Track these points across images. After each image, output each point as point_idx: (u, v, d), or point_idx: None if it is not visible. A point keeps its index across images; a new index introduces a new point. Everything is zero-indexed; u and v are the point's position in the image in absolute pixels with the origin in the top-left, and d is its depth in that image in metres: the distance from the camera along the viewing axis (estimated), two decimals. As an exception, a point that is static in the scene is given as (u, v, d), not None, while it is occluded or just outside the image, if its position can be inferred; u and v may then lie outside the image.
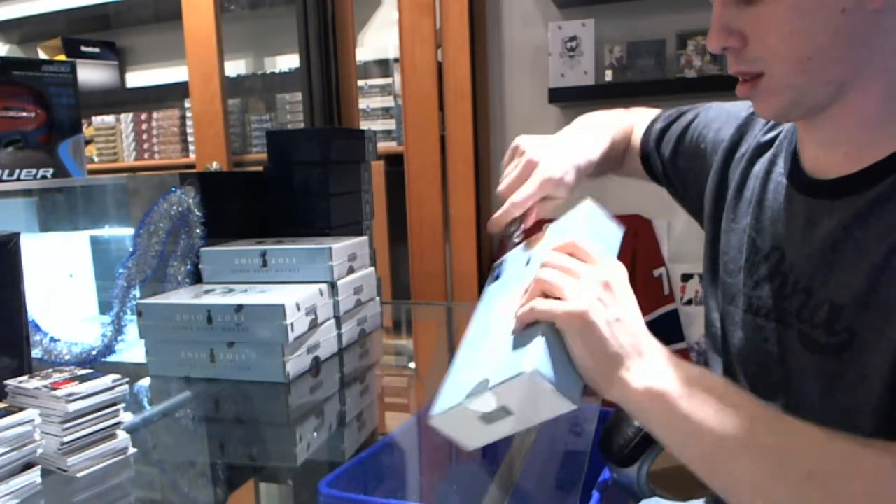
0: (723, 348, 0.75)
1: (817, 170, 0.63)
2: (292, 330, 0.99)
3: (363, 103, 2.45)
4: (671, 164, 0.89)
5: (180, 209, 1.16)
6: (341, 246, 1.15)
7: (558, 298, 0.56)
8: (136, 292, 1.15)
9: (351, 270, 1.19)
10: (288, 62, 2.74)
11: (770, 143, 0.73)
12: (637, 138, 0.95)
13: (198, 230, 1.18)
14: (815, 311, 0.60)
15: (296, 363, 1.02)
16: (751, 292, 0.69)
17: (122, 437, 0.76)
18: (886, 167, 0.57)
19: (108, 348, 1.14)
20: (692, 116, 0.87)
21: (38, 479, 0.68)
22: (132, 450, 0.77)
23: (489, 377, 0.54)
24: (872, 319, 0.55)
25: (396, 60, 2.39)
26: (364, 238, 1.26)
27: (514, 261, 0.74)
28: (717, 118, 0.83)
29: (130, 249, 1.16)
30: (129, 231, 1.20)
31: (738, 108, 0.81)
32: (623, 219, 0.73)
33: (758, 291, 0.68)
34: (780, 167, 0.69)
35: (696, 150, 0.84)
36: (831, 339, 0.58)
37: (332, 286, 1.13)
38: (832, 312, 0.58)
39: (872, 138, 0.58)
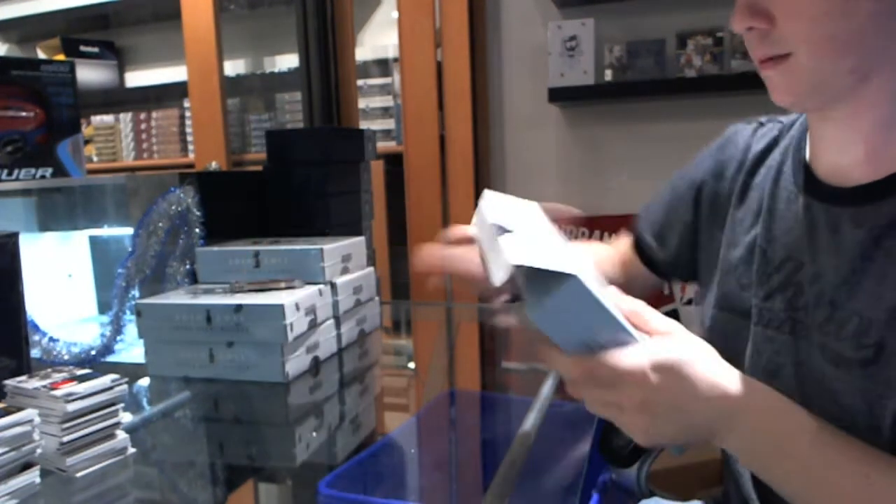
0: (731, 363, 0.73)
1: (835, 176, 0.61)
2: (291, 330, 0.99)
3: (362, 103, 2.45)
4: (662, 226, 0.85)
5: (179, 209, 1.16)
6: (334, 247, 1.15)
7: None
8: (136, 292, 1.15)
9: (345, 271, 1.18)
10: (287, 62, 2.74)
11: (768, 149, 0.71)
12: (627, 243, 0.91)
13: (197, 230, 1.17)
14: (842, 324, 0.57)
15: (295, 363, 1.02)
16: (762, 304, 0.66)
17: (122, 437, 0.75)
18: None
19: (107, 348, 1.14)
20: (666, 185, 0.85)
21: (38, 480, 0.68)
22: (131, 450, 0.76)
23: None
24: None
25: (396, 60, 2.39)
26: (360, 238, 1.26)
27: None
28: (691, 162, 0.81)
29: (130, 249, 1.15)
30: (128, 231, 1.19)
31: (708, 147, 0.79)
32: (623, 219, 0.73)
33: (769, 303, 0.65)
34: (789, 176, 0.66)
35: (683, 192, 0.81)
36: (858, 353, 0.55)
37: (332, 286, 1.12)
38: (861, 326, 0.56)
39: (890, 139, 0.56)
